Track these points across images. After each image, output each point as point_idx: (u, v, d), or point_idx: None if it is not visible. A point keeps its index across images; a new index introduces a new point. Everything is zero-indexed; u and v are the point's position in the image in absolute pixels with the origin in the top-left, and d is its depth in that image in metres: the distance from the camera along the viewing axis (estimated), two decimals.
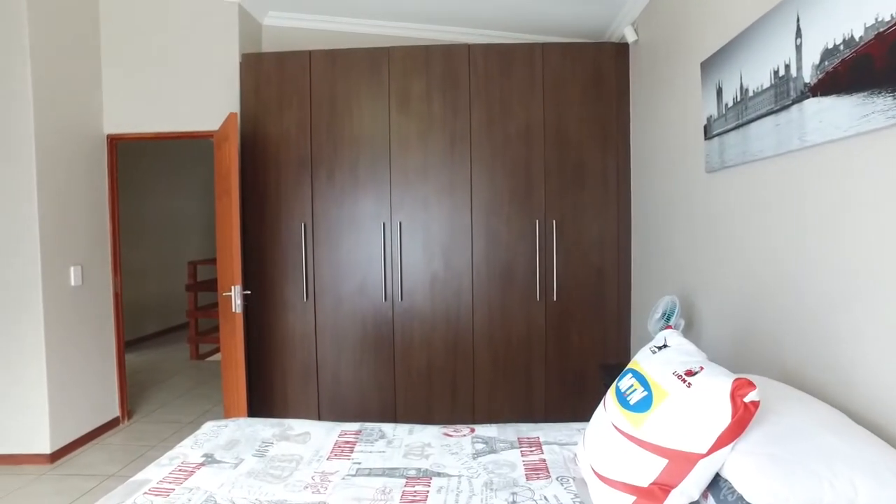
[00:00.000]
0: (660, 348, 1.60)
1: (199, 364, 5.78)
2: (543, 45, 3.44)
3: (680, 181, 2.72)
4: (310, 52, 3.51)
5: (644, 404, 1.38)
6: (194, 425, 3.86)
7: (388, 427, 2.14)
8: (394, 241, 3.49)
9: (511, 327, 3.49)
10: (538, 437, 1.99)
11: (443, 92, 3.46)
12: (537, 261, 3.45)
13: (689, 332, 2.59)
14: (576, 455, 1.79)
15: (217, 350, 6.08)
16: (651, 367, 1.49)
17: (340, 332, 3.54)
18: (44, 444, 3.27)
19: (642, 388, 1.44)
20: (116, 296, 3.89)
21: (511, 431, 2.06)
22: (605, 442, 1.47)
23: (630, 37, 3.33)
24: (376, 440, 2.01)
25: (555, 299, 3.46)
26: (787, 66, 1.70)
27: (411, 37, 4.05)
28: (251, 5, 3.86)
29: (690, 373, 1.33)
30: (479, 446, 1.93)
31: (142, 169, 6.77)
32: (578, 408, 3.46)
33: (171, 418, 4.05)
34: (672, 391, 1.33)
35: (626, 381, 1.56)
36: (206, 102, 3.68)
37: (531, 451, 1.88)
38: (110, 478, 3.07)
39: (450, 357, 3.51)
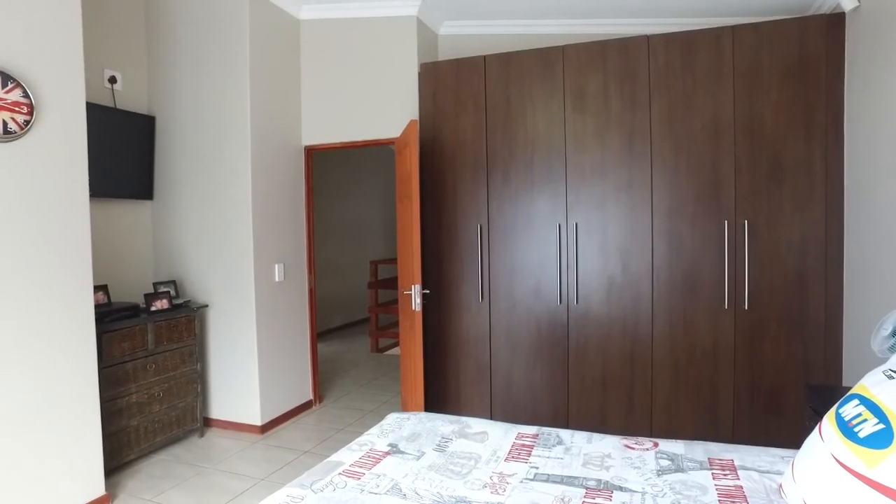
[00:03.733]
0: None
1: (378, 357, 6.21)
2: (733, 29, 3.13)
3: None
4: (484, 57, 3.58)
5: (880, 440, 1.17)
6: (375, 414, 4.17)
7: (565, 433, 2.09)
8: (569, 243, 3.42)
9: (694, 336, 3.23)
10: (732, 460, 1.81)
11: (620, 87, 3.31)
12: (726, 265, 3.14)
13: None
14: (781, 486, 1.59)
15: (395, 345, 6.50)
16: (888, 396, 1.26)
17: (514, 333, 3.57)
18: (255, 417, 3.77)
19: (876, 420, 1.23)
20: (311, 291, 4.33)
21: (700, 450, 1.90)
22: (824, 478, 1.28)
23: (848, 4, 2.89)
24: (554, 446, 1.98)
25: (746, 308, 3.13)
26: None
27: (586, 33, 3.95)
28: (428, 18, 4.05)
29: None
30: (664, 463, 1.81)
31: (331, 176, 7.47)
32: (773, 430, 3.10)
33: (354, 405, 4.41)
34: None
35: (850, 409, 1.35)
36: (388, 112, 3.95)
37: (724, 475, 1.71)
38: (306, 453, 3.42)
39: (626, 364, 3.35)
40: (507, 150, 3.53)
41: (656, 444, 1.95)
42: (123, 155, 3.60)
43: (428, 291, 3.67)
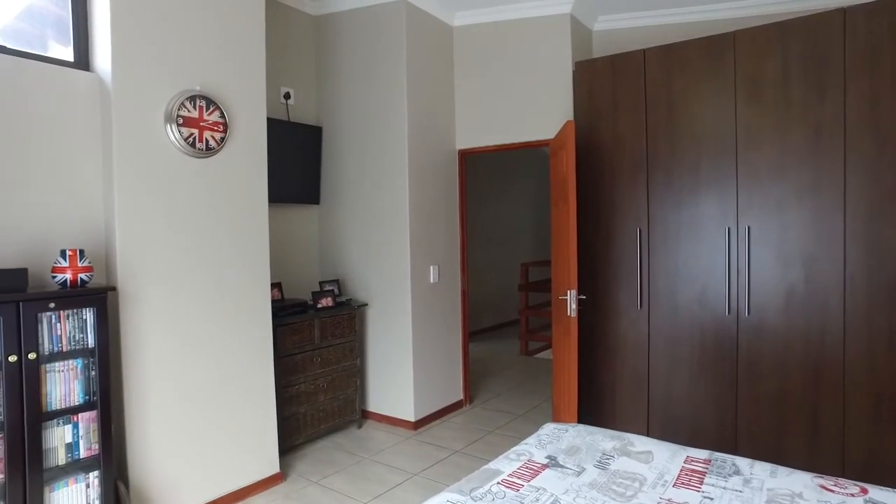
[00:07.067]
0: None
1: (527, 360, 6.15)
2: None
3: None
4: (643, 51, 3.37)
5: None
6: (525, 419, 4.13)
7: (743, 462, 1.89)
8: (740, 249, 3.10)
9: None
10: None
11: (804, 73, 2.92)
12: None
13: None
14: None
15: (545, 348, 6.40)
16: None
17: (675, 343, 3.32)
18: (409, 413, 3.91)
19: None
20: (463, 292, 4.41)
21: None
22: None
23: None
24: (730, 475, 1.79)
25: None
26: None
27: (759, 14, 3.57)
28: (582, 14, 3.92)
29: None
30: None
31: (482, 178, 7.53)
32: None
33: (504, 408, 4.40)
34: None
35: None
36: (542, 113, 3.89)
37: None
38: (456, 453, 3.48)
39: (809, 387, 2.95)
40: (669, 148, 3.30)
41: (864, 490, 1.67)
42: (295, 163, 3.94)
43: (584, 297, 3.54)
